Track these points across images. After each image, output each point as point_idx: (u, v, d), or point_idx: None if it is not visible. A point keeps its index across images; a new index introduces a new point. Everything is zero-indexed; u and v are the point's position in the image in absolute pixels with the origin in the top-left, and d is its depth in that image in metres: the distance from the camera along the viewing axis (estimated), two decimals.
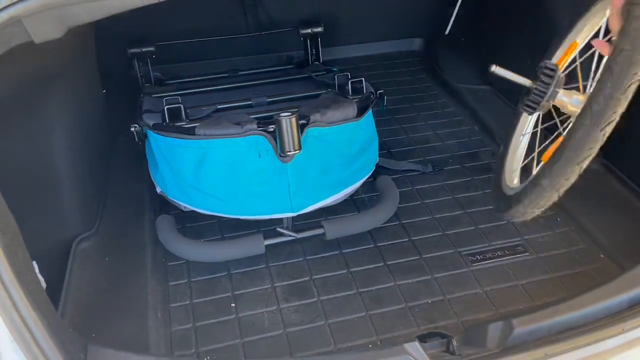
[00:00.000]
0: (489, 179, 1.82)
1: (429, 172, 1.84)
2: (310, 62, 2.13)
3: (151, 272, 1.45)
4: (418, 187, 1.80)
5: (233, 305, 1.40)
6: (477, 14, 2.39)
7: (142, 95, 1.85)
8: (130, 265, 1.47)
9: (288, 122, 1.26)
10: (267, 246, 1.46)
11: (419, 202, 1.73)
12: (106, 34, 1.62)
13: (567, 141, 1.00)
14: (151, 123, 1.45)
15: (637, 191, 1.65)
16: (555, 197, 1.04)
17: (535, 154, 1.25)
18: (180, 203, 1.49)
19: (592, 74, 1.17)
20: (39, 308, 0.96)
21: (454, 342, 1.14)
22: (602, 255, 1.51)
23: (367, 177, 1.56)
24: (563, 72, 1.19)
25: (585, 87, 1.16)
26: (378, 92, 1.63)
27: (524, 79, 1.13)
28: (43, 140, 1.40)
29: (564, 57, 1.27)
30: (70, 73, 1.49)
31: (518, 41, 2.13)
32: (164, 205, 1.66)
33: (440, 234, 1.61)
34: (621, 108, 0.94)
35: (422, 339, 1.25)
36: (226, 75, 2.07)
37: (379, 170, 1.73)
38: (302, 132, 1.31)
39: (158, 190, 1.54)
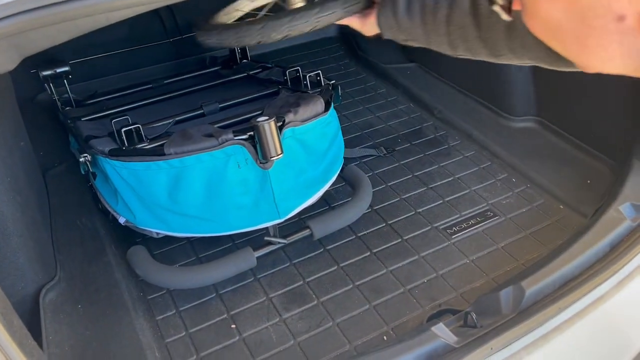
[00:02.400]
0: (439, 152, 1.89)
1: (383, 155, 1.87)
2: (238, 60, 2.05)
3: (133, 310, 1.33)
4: (377, 171, 1.81)
5: (233, 326, 1.32)
6: None
7: (68, 120, 1.68)
8: (107, 307, 1.33)
9: (268, 127, 1.21)
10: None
11: (383, 186, 1.74)
12: None
13: None
14: (106, 149, 1.31)
15: (574, 142, 1.79)
16: None
17: None
18: (153, 230, 1.38)
19: None
20: None
21: (473, 315, 1.16)
22: (561, 207, 1.62)
23: (340, 169, 1.54)
24: None
25: None
26: (331, 82, 1.61)
27: None
28: None
29: None
30: None
31: None
32: (124, 235, 1.53)
33: (413, 213, 1.64)
34: None
35: (435, 318, 1.28)
36: (151, 86, 1.94)
37: None
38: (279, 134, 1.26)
39: (122, 221, 1.41)
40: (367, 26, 1.09)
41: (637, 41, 0.36)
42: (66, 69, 1.79)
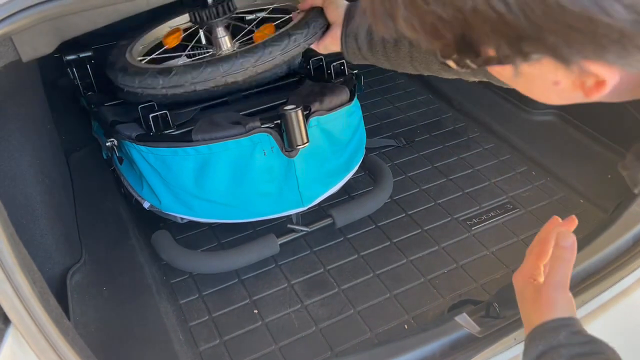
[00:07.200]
0: (459, 144, 1.89)
1: (402, 145, 1.87)
2: None
3: (157, 294, 1.35)
4: (397, 161, 1.82)
5: (256, 311, 1.34)
6: None
7: (91, 105, 1.69)
8: (132, 290, 1.35)
9: (295, 115, 1.21)
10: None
11: (403, 176, 1.75)
12: None
13: None
14: (133, 134, 1.33)
15: (594, 136, 1.78)
16: None
17: None
18: (178, 215, 1.39)
19: None
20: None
21: (496, 305, 1.17)
22: (581, 201, 1.62)
23: (362, 158, 1.54)
24: None
25: None
26: (354, 72, 1.61)
27: None
28: (12, 166, 1.24)
29: None
30: (23, 89, 1.32)
31: None
32: (147, 220, 1.54)
33: (433, 204, 1.64)
34: None
35: (456, 308, 1.29)
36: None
37: None
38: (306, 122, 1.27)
39: (146, 205, 1.43)
40: (322, 48, 1.13)
41: (569, 95, 0.52)
42: (89, 53, 1.80)
